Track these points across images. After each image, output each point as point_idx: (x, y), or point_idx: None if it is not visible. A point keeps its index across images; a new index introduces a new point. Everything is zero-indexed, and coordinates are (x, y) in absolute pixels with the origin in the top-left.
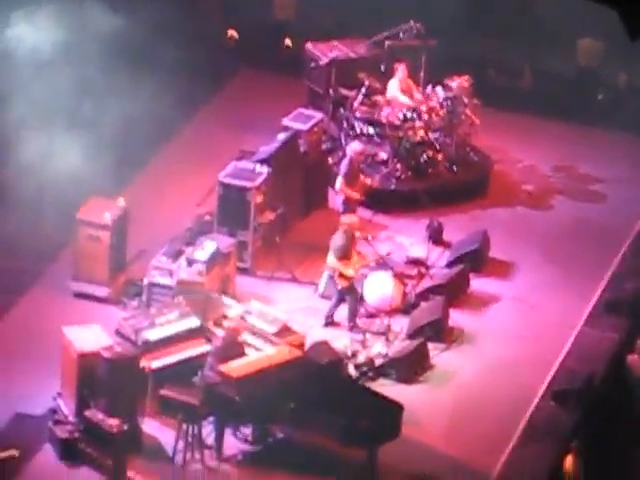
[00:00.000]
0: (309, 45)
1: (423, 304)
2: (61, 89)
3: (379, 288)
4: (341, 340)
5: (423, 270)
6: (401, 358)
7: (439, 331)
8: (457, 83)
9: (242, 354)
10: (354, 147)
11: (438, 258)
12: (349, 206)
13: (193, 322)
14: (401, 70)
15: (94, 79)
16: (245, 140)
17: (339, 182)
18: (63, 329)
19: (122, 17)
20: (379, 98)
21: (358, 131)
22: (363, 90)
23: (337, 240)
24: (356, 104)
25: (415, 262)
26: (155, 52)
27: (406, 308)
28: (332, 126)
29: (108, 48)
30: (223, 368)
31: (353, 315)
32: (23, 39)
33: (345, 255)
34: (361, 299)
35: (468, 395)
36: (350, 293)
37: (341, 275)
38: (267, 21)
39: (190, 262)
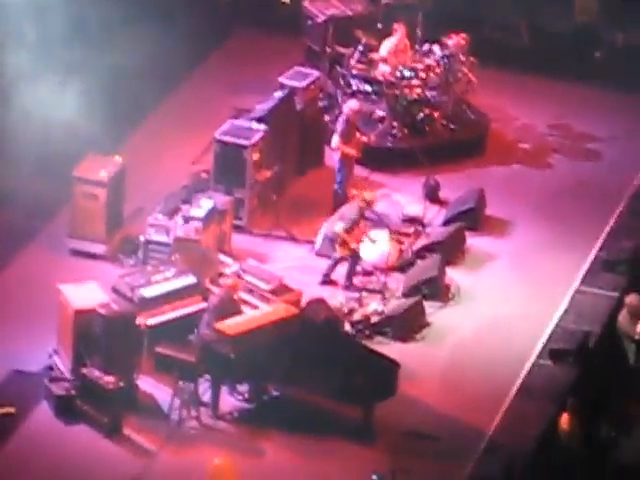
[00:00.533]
0: (306, 2)
1: (419, 262)
2: (56, 37)
3: (376, 246)
4: (337, 298)
5: (419, 228)
6: (397, 316)
7: (435, 289)
8: (454, 41)
9: (238, 312)
10: (351, 105)
11: (434, 216)
12: (345, 163)
13: (189, 280)
14: (400, 31)
15: (89, 28)
16: (241, 98)
17: (335, 139)
18: (59, 286)
19: None
20: (375, 56)
21: (355, 89)
22: (360, 48)
23: (350, 212)
24: (353, 62)
25: (412, 220)
26: (152, 7)
27: (402, 266)
28: (329, 84)
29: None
30: (219, 325)
31: (351, 274)
32: None
33: (352, 228)
34: (358, 257)
35: (464, 353)
36: (352, 256)
37: (342, 243)
38: None
39: (187, 219)
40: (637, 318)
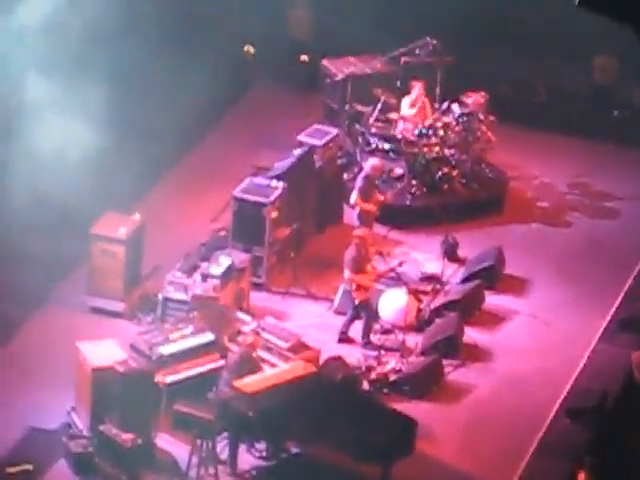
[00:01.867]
0: (325, 61)
1: (438, 320)
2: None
3: (394, 304)
4: (355, 355)
5: (438, 286)
6: (415, 374)
7: (454, 347)
8: (472, 99)
9: (257, 369)
10: (372, 162)
11: (453, 274)
12: (364, 220)
13: (207, 337)
14: (417, 88)
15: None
16: (260, 156)
17: (354, 196)
18: (77, 344)
19: None
20: (394, 115)
21: (373, 147)
22: (379, 106)
23: (349, 253)
24: (371, 120)
25: (430, 278)
26: (170, 60)
27: (420, 324)
28: (347, 142)
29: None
30: (237, 383)
31: (368, 331)
32: None
33: (359, 268)
34: (376, 315)
35: (482, 411)
36: (365, 308)
37: (358, 288)
38: (283, 36)
39: (205, 277)
40: None
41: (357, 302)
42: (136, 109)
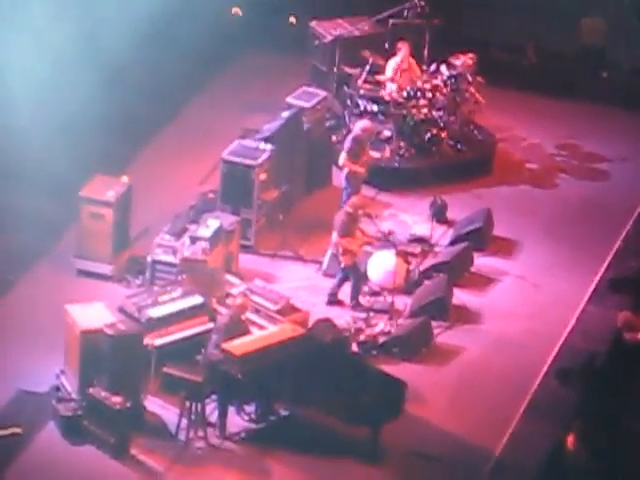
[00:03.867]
0: (313, 23)
1: (427, 282)
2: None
3: (383, 266)
4: (344, 318)
5: (427, 248)
6: (404, 336)
7: (442, 309)
8: (461, 61)
9: (246, 332)
10: (363, 124)
11: (442, 236)
12: (352, 182)
13: (196, 300)
14: (403, 50)
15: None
16: (249, 118)
17: (342, 157)
18: (66, 307)
19: None
20: (382, 77)
21: (362, 109)
22: (367, 68)
23: (340, 218)
24: (360, 82)
25: (419, 240)
26: (160, 28)
27: (409, 286)
28: (336, 104)
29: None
30: (226, 346)
31: (356, 293)
32: None
33: (348, 233)
34: (365, 277)
35: (471, 373)
36: (353, 271)
37: (345, 252)
38: None
39: (194, 240)
40: (633, 331)
41: (342, 266)
42: (127, 73)
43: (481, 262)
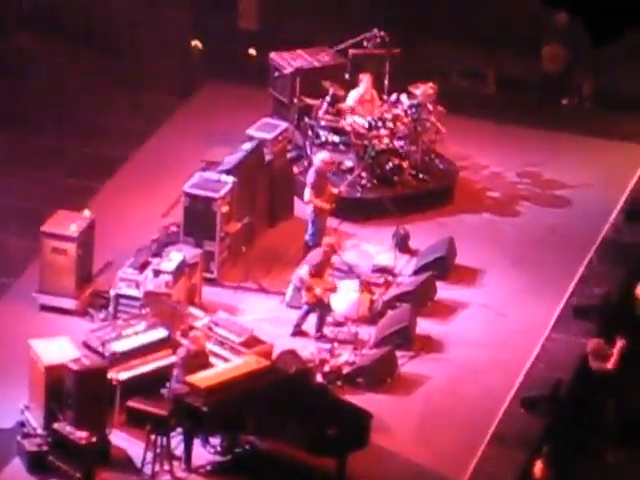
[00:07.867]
0: (273, 54)
1: (390, 312)
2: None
3: (346, 297)
4: (309, 349)
5: (390, 278)
6: (369, 366)
7: (407, 339)
8: (421, 90)
9: (208, 364)
10: (322, 157)
11: (405, 266)
12: (319, 217)
13: (160, 333)
14: (365, 80)
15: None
16: (210, 151)
17: (307, 193)
18: (30, 342)
19: None
20: (343, 106)
21: (323, 139)
22: (327, 99)
23: (315, 257)
24: (321, 113)
25: (382, 270)
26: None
27: (373, 316)
28: (297, 135)
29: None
30: (190, 379)
31: (321, 324)
32: None
33: (318, 273)
34: (329, 308)
35: (437, 402)
36: (319, 304)
37: (309, 290)
38: (231, 31)
39: (157, 273)
40: (601, 360)
41: (304, 301)
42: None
43: (445, 291)
